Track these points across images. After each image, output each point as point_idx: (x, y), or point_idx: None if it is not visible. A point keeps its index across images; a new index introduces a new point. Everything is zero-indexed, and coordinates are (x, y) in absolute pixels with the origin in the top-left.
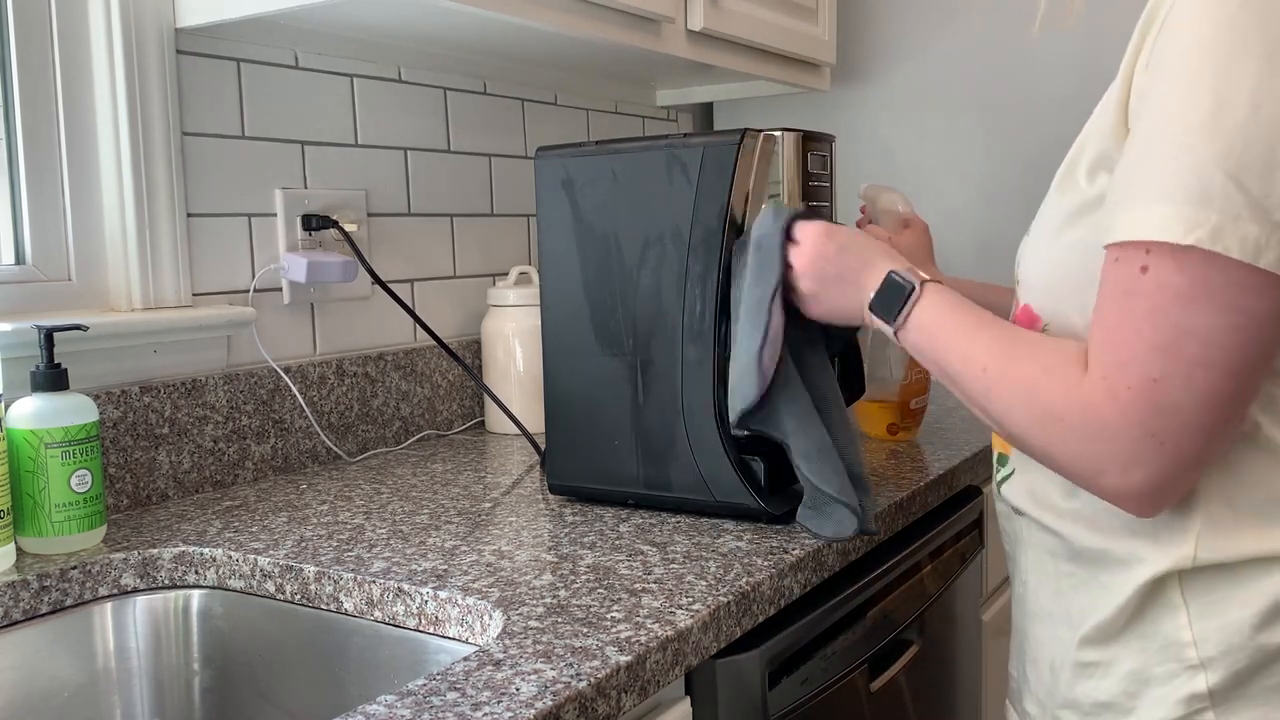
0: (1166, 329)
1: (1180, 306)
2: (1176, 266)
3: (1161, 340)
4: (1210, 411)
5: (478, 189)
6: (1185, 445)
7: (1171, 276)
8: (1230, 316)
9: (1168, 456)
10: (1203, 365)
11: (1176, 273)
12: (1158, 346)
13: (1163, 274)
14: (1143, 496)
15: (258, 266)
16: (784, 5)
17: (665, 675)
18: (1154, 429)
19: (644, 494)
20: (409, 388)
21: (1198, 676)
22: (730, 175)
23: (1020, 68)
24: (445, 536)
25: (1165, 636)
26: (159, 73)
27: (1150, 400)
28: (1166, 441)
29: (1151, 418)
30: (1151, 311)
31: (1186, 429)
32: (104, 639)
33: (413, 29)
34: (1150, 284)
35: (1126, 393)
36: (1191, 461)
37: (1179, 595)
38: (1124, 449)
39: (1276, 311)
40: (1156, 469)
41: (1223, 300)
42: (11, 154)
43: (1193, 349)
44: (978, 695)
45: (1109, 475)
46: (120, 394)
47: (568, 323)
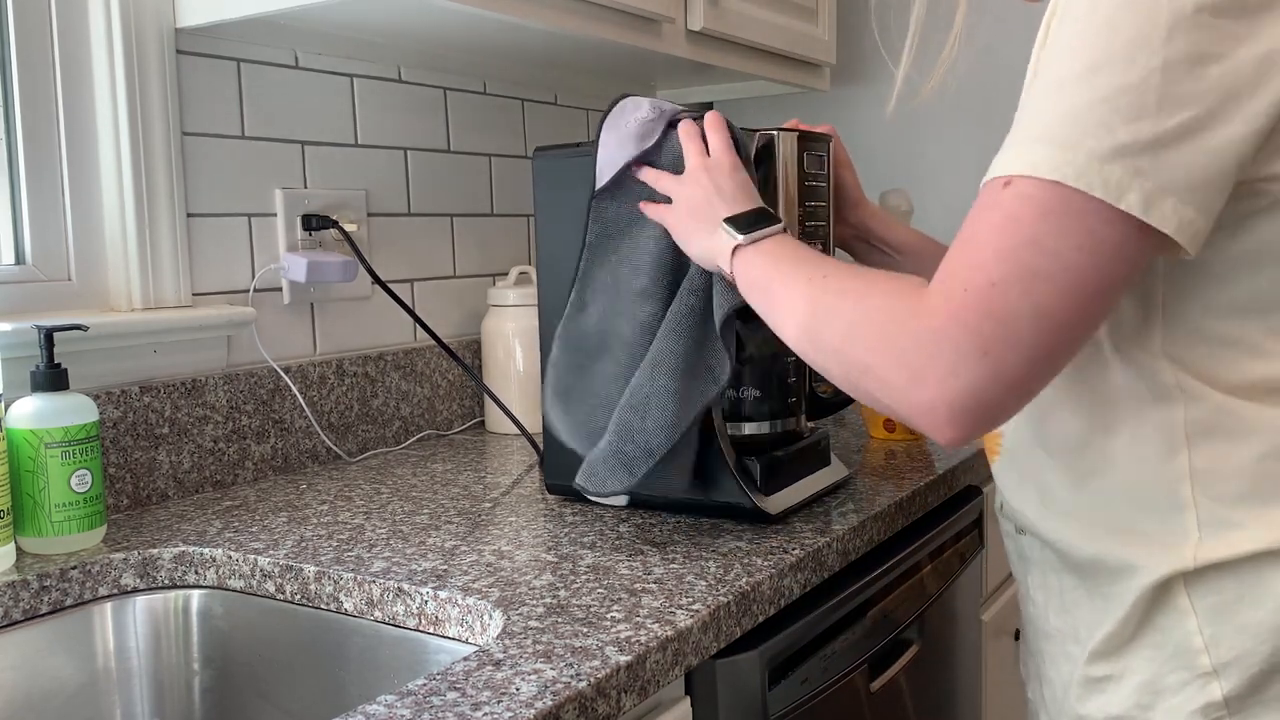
0: (1015, 236)
1: (1034, 218)
2: (1038, 185)
3: (1007, 245)
4: (1040, 328)
5: (478, 189)
6: (1009, 359)
7: (1034, 190)
8: (1080, 237)
9: (989, 369)
10: (1043, 278)
11: (1038, 188)
12: (1002, 251)
13: (1024, 187)
14: (955, 411)
15: (258, 266)
16: (784, 5)
17: (665, 675)
18: (982, 333)
19: (639, 494)
20: (409, 388)
21: (1212, 684)
22: None
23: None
24: (445, 536)
25: (1176, 644)
26: (159, 73)
27: (984, 304)
28: (991, 351)
29: (981, 321)
30: (1006, 219)
31: (1013, 340)
32: (104, 639)
33: (413, 29)
34: (1009, 196)
35: (962, 294)
36: (1010, 382)
37: (1186, 600)
38: (947, 353)
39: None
40: (975, 380)
41: (1077, 220)
42: (11, 154)
43: (1036, 259)
44: (978, 695)
45: (926, 384)
46: (120, 394)
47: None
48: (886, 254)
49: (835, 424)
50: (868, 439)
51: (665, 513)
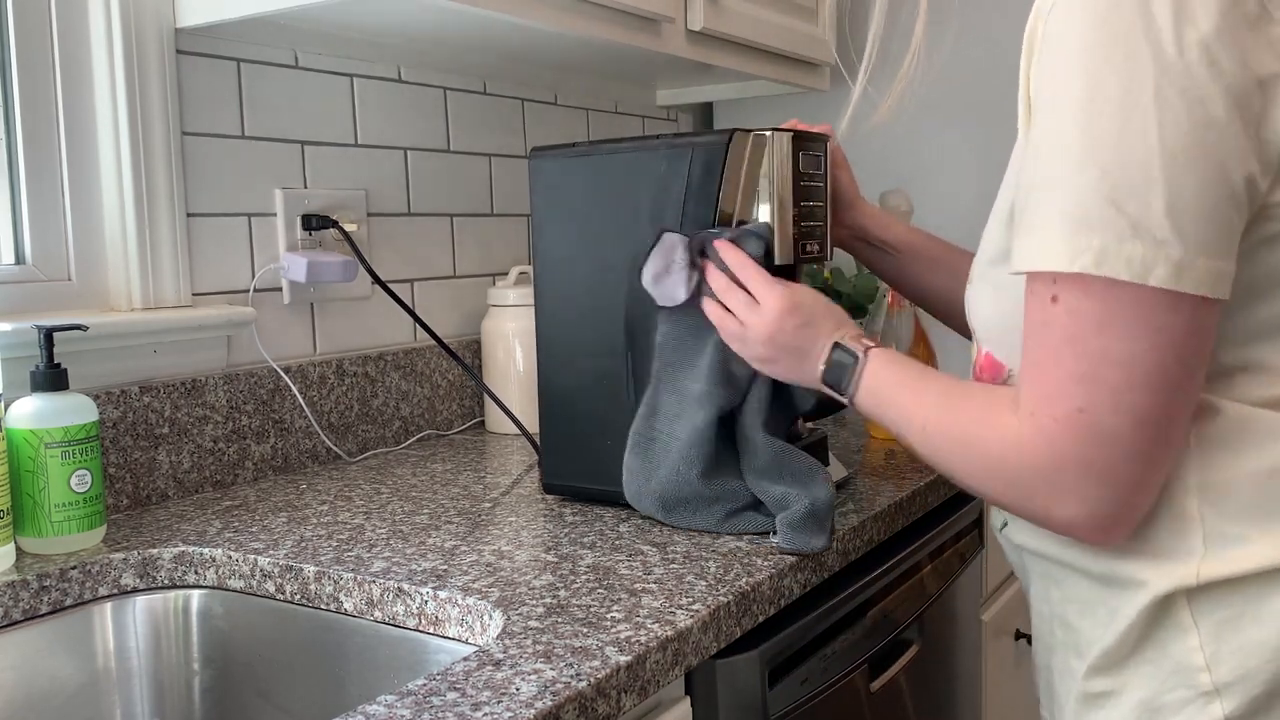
0: (1085, 357)
1: (1095, 332)
2: (1084, 293)
3: (1081, 369)
4: (1142, 433)
5: (478, 189)
6: (1123, 471)
7: (1081, 303)
8: (1146, 336)
9: (1107, 486)
10: (1127, 389)
11: (1085, 298)
12: (1078, 376)
13: (1071, 301)
14: (1094, 528)
15: (258, 266)
16: (784, 5)
17: (665, 675)
18: (1088, 460)
19: None
20: (409, 388)
21: (1213, 704)
22: (719, 175)
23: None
24: (445, 536)
25: (1176, 661)
26: (159, 73)
27: (1079, 431)
28: (1104, 472)
29: (1084, 448)
30: (1068, 340)
31: (1122, 455)
32: (104, 639)
33: (413, 29)
34: (1061, 313)
35: (1054, 425)
36: (1134, 486)
37: (1189, 616)
38: (1063, 483)
39: (1189, 323)
40: (1099, 500)
41: (1135, 321)
42: (11, 154)
43: (1114, 374)
44: (978, 695)
45: (1056, 511)
46: (120, 394)
47: (562, 323)
48: (885, 253)
49: (835, 424)
50: (867, 439)
51: None
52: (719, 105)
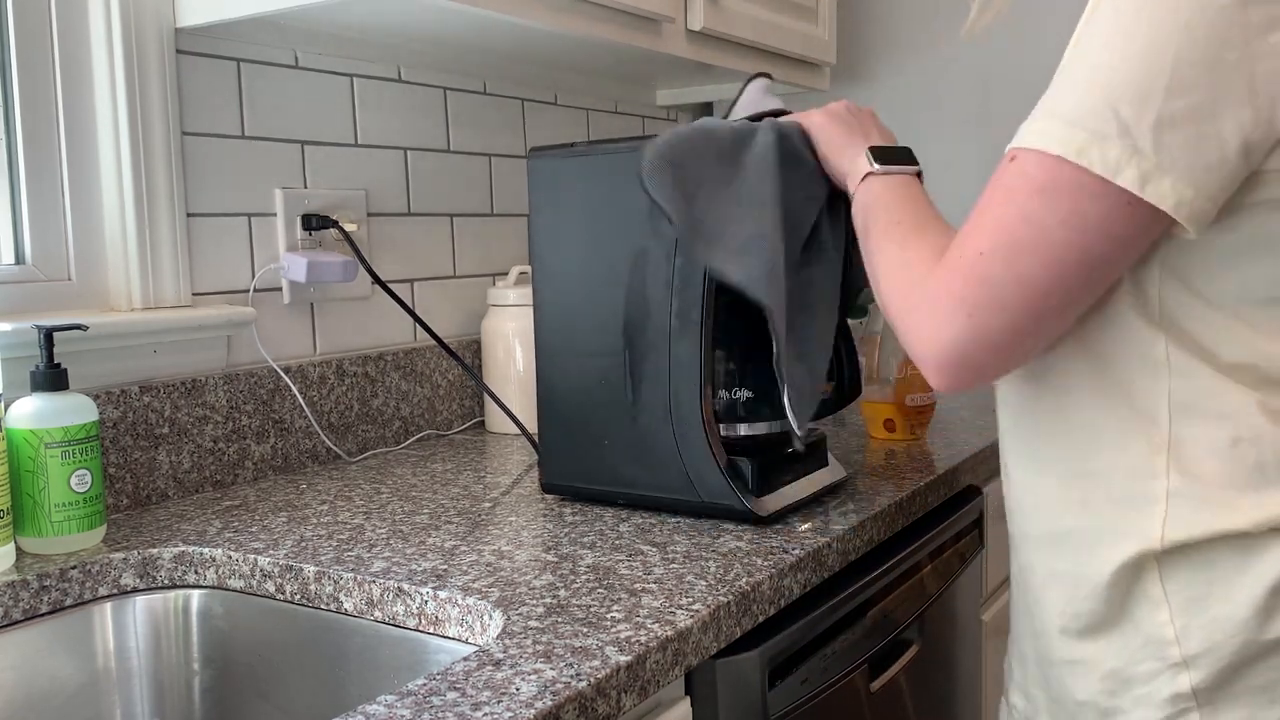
0: (1009, 208)
1: (1027, 194)
2: (1038, 161)
3: (1000, 217)
4: (1023, 295)
5: (478, 189)
6: (991, 322)
7: (1031, 168)
8: (1066, 213)
9: (972, 329)
10: (1028, 250)
11: (1036, 166)
12: (997, 222)
13: (1025, 164)
14: (941, 363)
15: (258, 266)
16: (784, 5)
17: (665, 675)
18: (965, 296)
19: (634, 494)
20: (409, 388)
21: (1181, 675)
22: None
23: (1019, 67)
24: (445, 536)
25: (1146, 634)
26: (159, 73)
27: (972, 270)
28: (974, 313)
29: (967, 286)
30: (1004, 192)
31: (996, 306)
32: (104, 639)
33: (413, 29)
34: (1012, 171)
35: (957, 261)
36: (992, 344)
37: (1160, 589)
38: (939, 311)
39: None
40: (958, 337)
41: (1066, 198)
42: (11, 154)
43: (1023, 232)
44: (978, 695)
45: (922, 336)
46: (120, 394)
47: (560, 323)
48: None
49: (835, 424)
50: (867, 439)
51: (665, 513)
52: (719, 105)
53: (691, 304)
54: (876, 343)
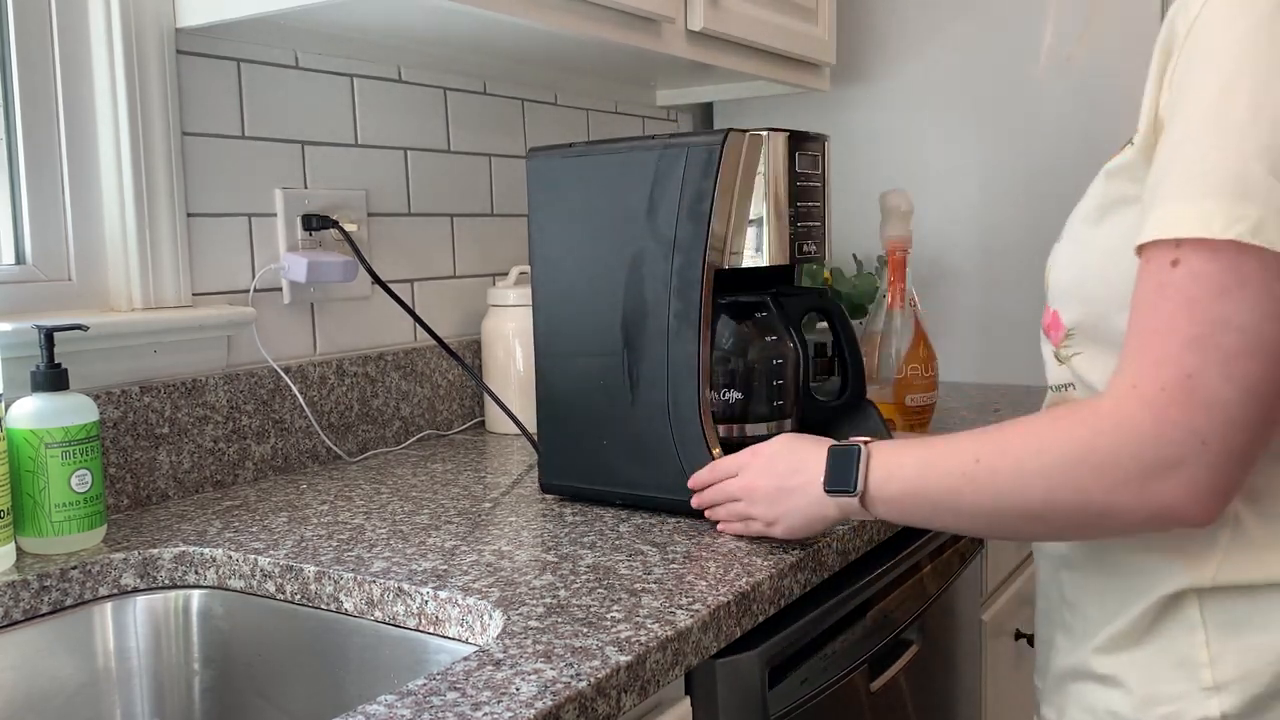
0: (1200, 321)
1: (1214, 296)
2: (1210, 256)
3: (1195, 333)
4: (1253, 403)
5: (478, 189)
6: (1232, 441)
7: (1205, 266)
8: (1268, 304)
9: (1214, 455)
10: (1241, 355)
11: (1210, 262)
12: (1190, 340)
13: (1195, 265)
14: (1196, 502)
15: (258, 266)
16: (784, 5)
17: (665, 675)
18: (1195, 426)
19: (632, 494)
20: (409, 388)
21: (1211, 700)
22: (715, 175)
23: (1019, 67)
24: (445, 536)
25: (1180, 654)
26: (159, 73)
27: (1188, 397)
28: (1210, 440)
29: (1190, 415)
30: (1184, 304)
31: (1231, 424)
32: (104, 639)
33: (413, 29)
34: (1182, 276)
35: (1161, 394)
36: (1240, 458)
37: (1198, 614)
38: (1167, 453)
39: None
40: (1205, 470)
41: (1260, 288)
42: (11, 154)
43: (1229, 340)
44: (978, 695)
45: (1156, 489)
46: (120, 394)
47: (559, 323)
48: None
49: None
50: None
51: (665, 513)
52: (719, 105)
53: (690, 304)
54: (876, 342)
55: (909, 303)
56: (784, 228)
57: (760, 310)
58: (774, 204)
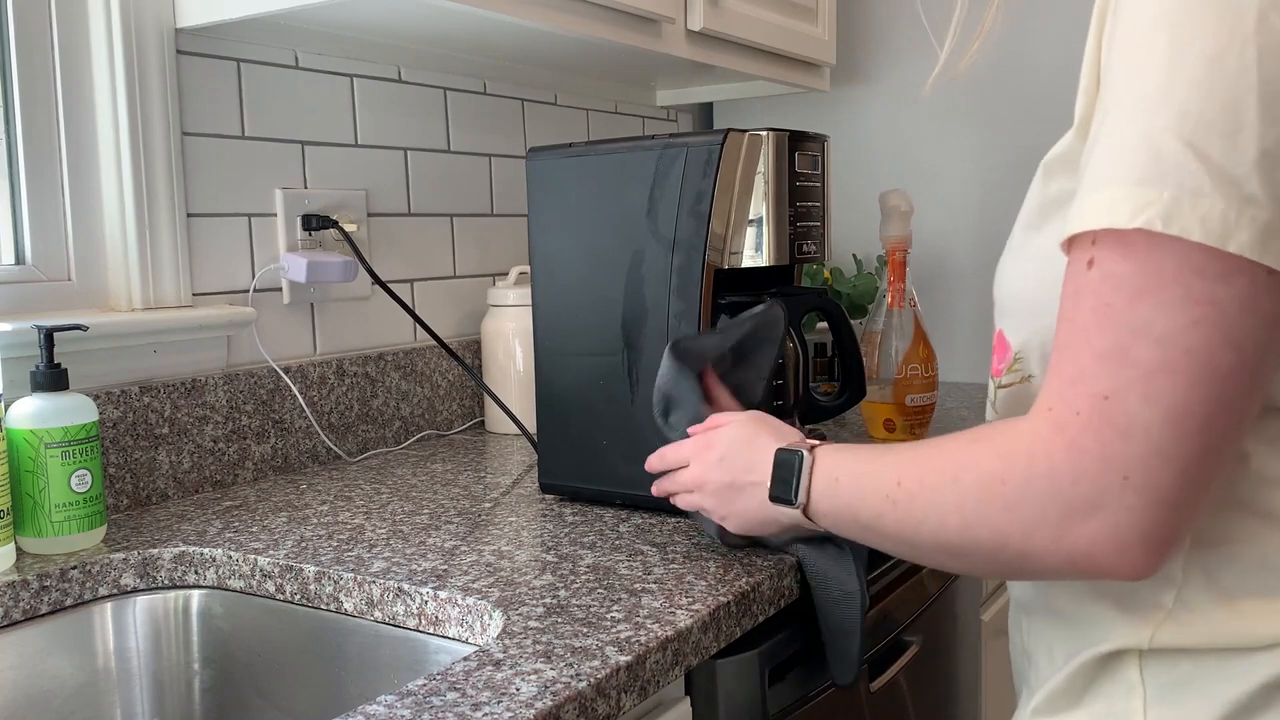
0: (1115, 331)
1: (1129, 301)
2: (1124, 253)
3: (1109, 346)
4: (1178, 431)
5: (478, 189)
6: (1158, 475)
7: (1118, 265)
8: (1190, 309)
9: (1138, 494)
10: (1163, 371)
11: (1124, 260)
12: (1104, 354)
13: (1108, 264)
14: (1119, 548)
15: (258, 266)
16: (784, 5)
17: (665, 675)
18: (1110, 456)
19: (632, 494)
20: (409, 388)
21: None
22: (714, 175)
23: (1019, 67)
24: (445, 536)
25: (1118, 717)
26: (159, 73)
27: (1103, 422)
28: (1132, 474)
29: (1107, 444)
30: (1097, 311)
31: (1155, 455)
32: (104, 639)
33: (413, 29)
34: (1096, 279)
35: (1075, 420)
36: (1171, 498)
37: (1137, 675)
38: (1084, 491)
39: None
40: (1130, 512)
41: (1179, 289)
42: (11, 154)
43: (1148, 353)
44: (978, 695)
45: (1074, 530)
46: (120, 394)
47: (559, 323)
48: None
49: (835, 425)
50: (867, 439)
51: (665, 513)
52: (719, 105)
53: (690, 304)
54: (876, 342)
55: (909, 303)
56: (784, 228)
57: None
58: (774, 204)
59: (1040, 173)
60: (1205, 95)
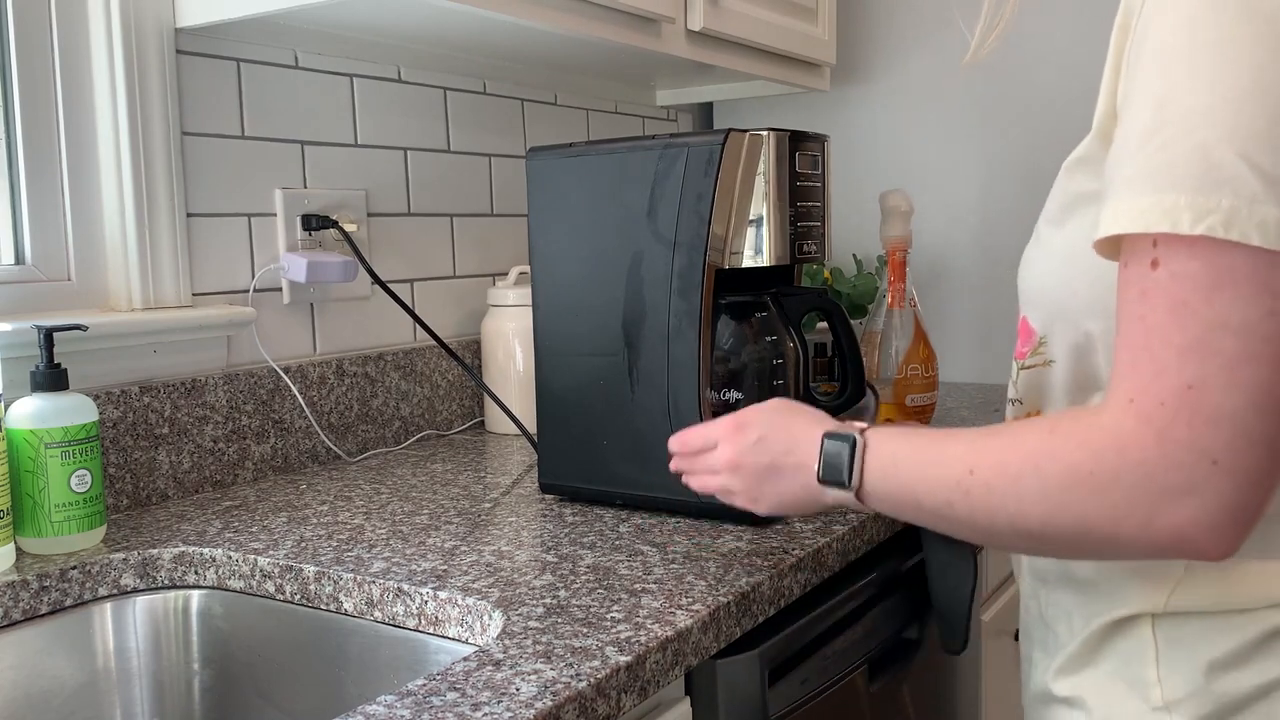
0: (1193, 325)
1: (1204, 297)
2: (1189, 254)
3: (1190, 339)
4: (1264, 413)
5: (478, 189)
6: (1246, 459)
7: (1186, 265)
8: (1265, 301)
9: (1227, 475)
10: (1244, 360)
11: (1191, 260)
12: (1185, 347)
13: (1176, 265)
14: (1212, 529)
15: (258, 266)
16: (784, 5)
17: (665, 675)
18: (1202, 444)
19: (632, 494)
20: (409, 388)
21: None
22: (715, 175)
23: (1019, 67)
24: (445, 536)
25: (1133, 674)
26: (159, 73)
27: (1191, 411)
28: (1221, 459)
29: (1196, 432)
30: (1173, 308)
31: (1243, 439)
32: (104, 639)
33: (413, 29)
34: (1165, 278)
35: (1161, 410)
36: (1255, 478)
37: (1150, 634)
38: (1175, 478)
39: None
40: (1220, 493)
41: (1252, 285)
42: (11, 154)
43: (1228, 343)
44: (978, 695)
45: (1165, 515)
46: (120, 394)
47: (559, 323)
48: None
49: None
50: None
51: (665, 513)
52: (719, 105)
53: (690, 304)
54: (876, 342)
55: (909, 303)
56: (784, 228)
57: (760, 310)
58: (774, 204)
59: (1063, 173)
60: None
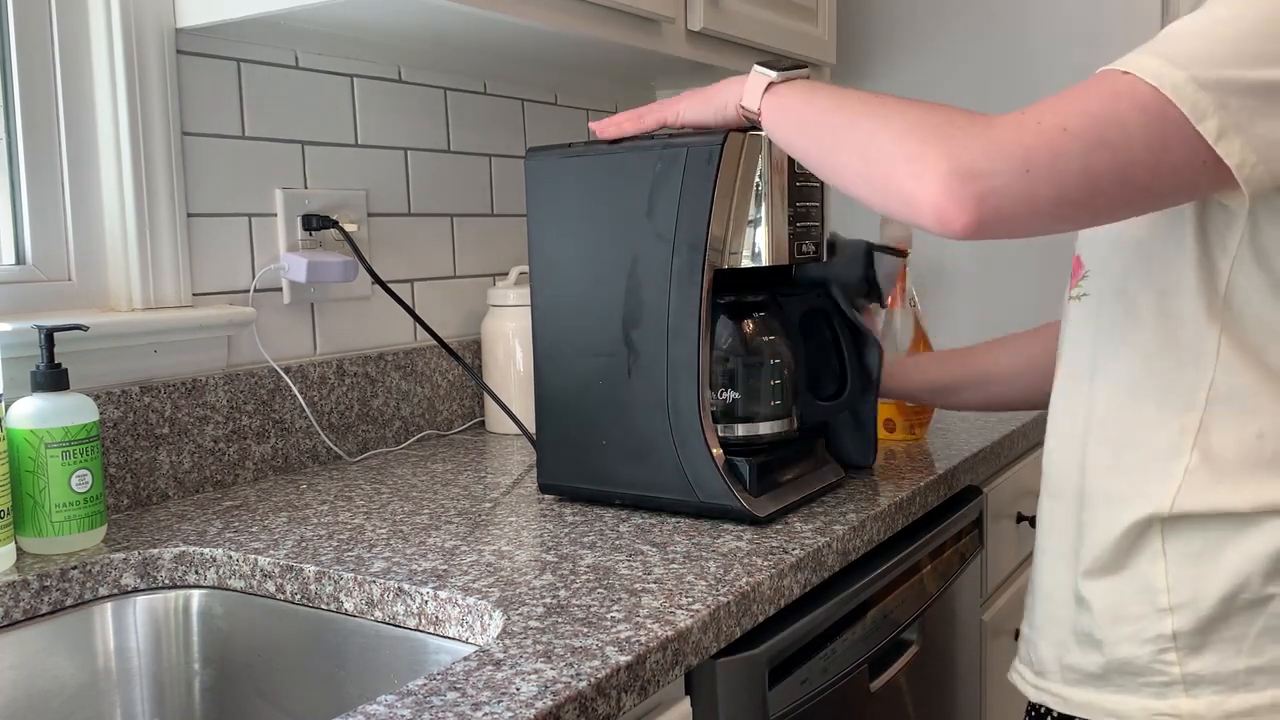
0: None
1: (1130, 106)
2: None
3: (1096, 110)
4: (1081, 183)
5: (478, 189)
6: (1042, 188)
7: (1137, 89)
8: (1156, 138)
9: (1022, 181)
10: (1107, 148)
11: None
12: (1089, 112)
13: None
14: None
15: (258, 266)
16: (784, 5)
17: (665, 675)
18: (1034, 158)
19: (631, 494)
20: (409, 388)
21: (1166, 619)
22: (714, 175)
23: (1019, 67)
24: (445, 536)
25: (1144, 579)
26: (159, 73)
27: (1049, 139)
28: (1032, 170)
29: (1039, 150)
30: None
31: (1055, 178)
32: (104, 639)
33: (413, 29)
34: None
35: (1035, 126)
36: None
37: (1160, 544)
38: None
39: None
40: (1007, 182)
41: (1161, 126)
42: (11, 154)
43: (1112, 133)
44: (978, 695)
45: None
46: (120, 394)
47: (558, 322)
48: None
49: None
50: None
51: (665, 513)
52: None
53: (690, 304)
54: None
55: (909, 303)
56: (783, 228)
57: (760, 310)
58: (773, 204)
59: None
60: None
